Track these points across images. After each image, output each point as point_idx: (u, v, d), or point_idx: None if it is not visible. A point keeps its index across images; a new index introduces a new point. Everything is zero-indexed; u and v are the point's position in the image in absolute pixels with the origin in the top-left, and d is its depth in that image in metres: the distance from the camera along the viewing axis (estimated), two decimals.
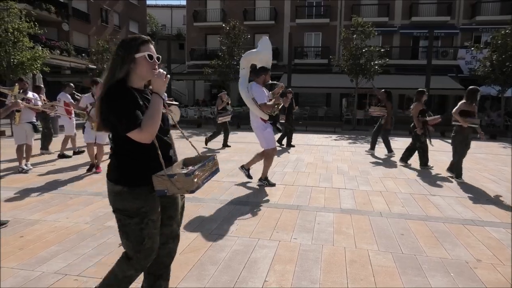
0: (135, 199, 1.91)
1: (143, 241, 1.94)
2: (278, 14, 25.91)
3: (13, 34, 13.40)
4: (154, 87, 1.89)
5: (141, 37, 1.93)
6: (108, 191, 1.99)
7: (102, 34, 27.06)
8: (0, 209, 4.00)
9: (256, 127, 5.53)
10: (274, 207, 4.52)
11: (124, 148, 1.90)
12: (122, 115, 1.78)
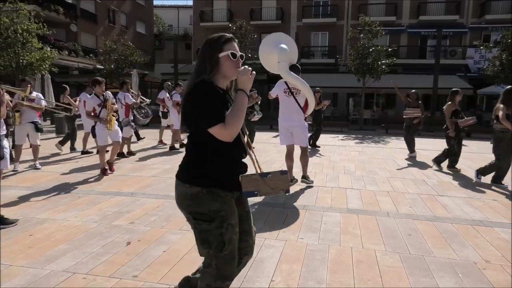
0: (214, 201, 1.81)
1: (224, 246, 1.83)
2: (284, 13, 25.88)
3: (22, 35, 13.56)
4: (240, 84, 1.82)
5: (224, 36, 1.89)
6: (180, 194, 1.87)
7: (109, 34, 27.25)
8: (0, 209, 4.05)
9: (304, 127, 5.45)
10: (281, 207, 4.52)
11: (204, 147, 1.81)
12: (206, 109, 1.73)
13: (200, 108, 1.74)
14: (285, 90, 5.40)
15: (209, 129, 1.74)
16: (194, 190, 1.81)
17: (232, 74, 1.87)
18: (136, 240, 3.47)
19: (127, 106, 8.15)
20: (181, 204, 1.88)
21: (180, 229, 3.76)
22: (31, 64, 13.76)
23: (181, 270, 2.88)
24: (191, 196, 1.82)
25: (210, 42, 1.89)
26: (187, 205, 1.85)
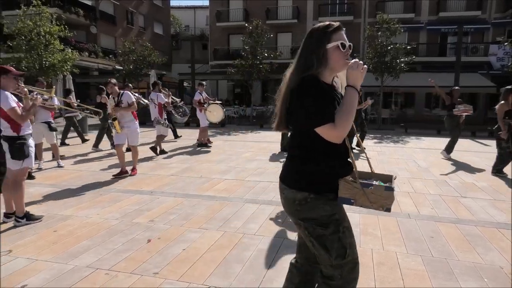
0: (324, 205, 1.67)
1: (346, 252, 1.68)
2: (300, 12, 25.74)
3: (45, 37, 13.95)
4: (350, 79, 1.65)
5: (332, 24, 1.70)
6: (288, 200, 1.74)
7: (128, 35, 27.71)
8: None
9: None
10: None
11: (311, 149, 1.67)
12: (314, 107, 1.58)
13: (308, 106, 1.60)
14: None
15: (317, 129, 1.60)
16: (302, 195, 1.68)
17: (341, 67, 1.71)
18: (156, 238, 3.52)
19: (160, 105, 8.45)
20: (289, 210, 1.75)
21: (199, 227, 3.79)
22: (53, 65, 14.13)
23: (201, 268, 2.90)
24: (300, 201, 1.68)
25: (316, 32, 1.70)
26: (296, 211, 1.71)
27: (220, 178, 6.04)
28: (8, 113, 3.58)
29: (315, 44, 1.68)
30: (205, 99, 9.62)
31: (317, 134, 1.62)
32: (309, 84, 1.62)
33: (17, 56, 14.02)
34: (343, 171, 1.72)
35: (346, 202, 1.69)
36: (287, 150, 1.83)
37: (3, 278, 2.73)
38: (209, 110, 9.31)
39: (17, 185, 3.76)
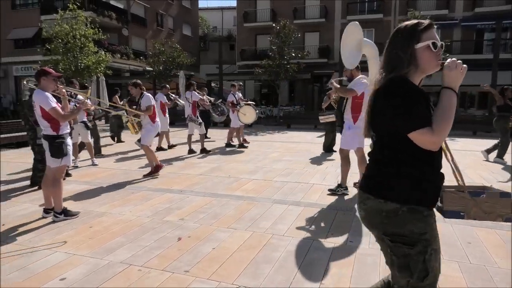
0: (417, 221, 1.50)
1: (426, 276, 1.53)
2: (328, 11, 25.43)
3: (80, 40, 14.51)
4: (447, 81, 1.52)
5: (421, 23, 1.55)
6: (372, 210, 1.59)
7: (157, 37, 28.34)
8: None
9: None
10: (328, 209, 4.45)
11: (402, 156, 1.52)
12: (409, 110, 1.44)
13: (401, 109, 1.46)
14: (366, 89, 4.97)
15: (412, 133, 1.45)
16: (391, 207, 1.51)
17: (432, 68, 1.56)
18: (186, 236, 3.58)
19: (194, 104, 8.66)
20: (372, 222, 1.61)
21: (228, 227, 3.82)
22: (88, 67, 14.68)
23: (230, 267, 2.92)
24: (387, 213, 1.52)
25: (403, 31, 1.57)
26: (381, 223, 1.56)
27: (248, 178, 6.06)
28: (50, 112, 3.75)
29: (402, 44, 1.55)
30: (238, 100, 9.68)
31: (408, 140, 1.47)
32: (400, 85, 1.49)
33: (54, 59, 14.67)
34: (439, 181, 1.57)
35: (454, 216, 1.52)
36: (369, 155, 1.71)
37: (44, 271, 2.86)
38: (241, 111, 9.36)
39: (56, 182, 3.93)
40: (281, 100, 22.08)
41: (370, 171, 1.66)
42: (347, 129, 5.04)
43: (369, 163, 1.70)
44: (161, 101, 9.14)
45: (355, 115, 4.95)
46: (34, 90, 3.90)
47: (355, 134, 4.98)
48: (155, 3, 30.40)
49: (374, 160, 1.66)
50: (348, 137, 5.01)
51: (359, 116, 4.93)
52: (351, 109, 4.99)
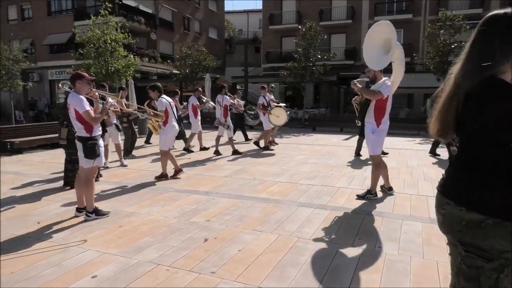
0: (502, 238, 1.33)
1: None
2: (355, 12, 25.07)
3: (111, 44, 14.97)
4: None
5: None
6: (451, 217, 1.47)
7: (184, 40, 28.87)
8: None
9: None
10: (355, 213, 4.37)
11: (501, 167, 1.36)
12: None
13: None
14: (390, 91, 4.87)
15: None
16: (475, 217, 1.37)
17: None
18: (212, 237, 3.61)
19: (225, 107, 8.79)
20: (449, 228, 1.50)
21: (254, 229, 3.82)
22: (117, 70, 15.12)
23: (256, 270, 2.92)
24: (469, 223, 1.40)
25: (500, 20, 1.36)
26: (459, 232, 1.44)
27: (273, 181, 6.05)
28: (83, 115, 3.89)
29: (500, 36, 1.33)
30: (269, 101, 9.65)
31: (506, 147, 1.33)
32: (504, 86, 1.32)
33: (86, 63, 15.20)
34: None
35: None
36: (452, 159, 1.60)
37: (77, 268, 2.96)
38: (273, 113, 9.31)
39: (88, 182, 4.06)
40: (306, 103, 21.93)
41: (453, 176, 1.53)
42: (371, 133, 4.87)
43: (453, 167, 1.57)
44: (193, 104, 9.32)
45: (378, 118, 4.81)
46: (69, 93, 4.05)
47: (380, 138, 4.87)
48: (182, 7, 30.99)
49: (461, 166, 1.51)
50: (375, 142, 4.88)
51: (383, 119, 4.82)
52: (375, 112, 4.82)
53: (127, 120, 8.15)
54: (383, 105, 4.78)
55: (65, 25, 25.47)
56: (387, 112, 4.87)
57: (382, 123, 4.82)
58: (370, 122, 4.89)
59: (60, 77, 25.72)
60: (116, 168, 7.25)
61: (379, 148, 4.96)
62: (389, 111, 4.90)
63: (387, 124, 4.89)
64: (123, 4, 24.52)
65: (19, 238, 3.62)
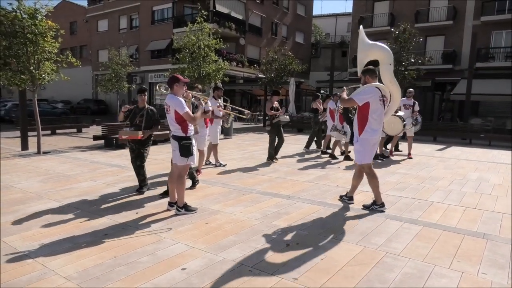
0: None
1: None
2: (458, 12, 22.84)
3: (204, 50, 15.93)
4: None
5: None
6: None
7: (271, 45, 29.42)
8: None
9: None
10: (453, 231, 3.94)
11: None
12: None
13: None
14: (380, 98, 4.57)
15: None
16: None
17: None
18: (294, 242, 3.57)
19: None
20: None
21: (337, 238, 3.69)
22: (208, 74, 16.02)
23: (341, 281, 2.81)
24: None
25: None
26: None
27: (359, 190, 5.76)
28: (183, 116, 4.17)
29: None
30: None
31: None
32: None
33: (182, 67, 16.40)
34: None
35: None
36: None
37: (169, 259, 3.18)
38: (387, 121, 8.81)
39: (180, 179, 4.35)
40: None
41: None
42: (355, 142, 4.75)
43: None
44: (330, 108, 9.35)
45: (360, 127, 4.65)
46: (167, 95, 4.38)
47: (364, 148, 4.66)
48: (271, 12, 31.68)
49: None
50: (359, 151, 4.72)
51: (365, 128, 4.60)
52: (357, 120, 4.70)
53: (270, 123, 8.06)
54: (365, 113, 4.59)
55: (165, 32, 27.93)
56: (372, 121, 4.59)
57: (365, 131, 4.62)
58: (355, 130, 4.75)
59: (158, 80, 28.24)
60: (211, 167, 7.62)
61: (366, 157, 4.68)
62: (377, 120, 4.61)
63: (373, 133, 4.61)
64: (217, 12, 25.96)
65: (121, 225, 4.02)
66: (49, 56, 8.98)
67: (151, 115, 5.47)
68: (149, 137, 5.51)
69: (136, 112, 5.48)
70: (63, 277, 2.84)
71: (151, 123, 5.47)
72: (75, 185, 5.87)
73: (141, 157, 5.45)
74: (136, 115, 5.45)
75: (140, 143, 5.41)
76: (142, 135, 5.26)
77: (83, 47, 36.66)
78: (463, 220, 4.35)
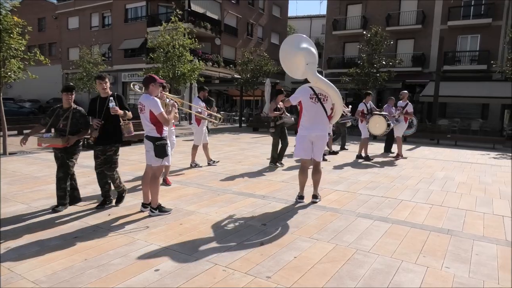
0: None
1: None
2: (426, 16, 23.70)
3: (178, 49, 15.80)
4: None
5: None
6: None
7: (247, 46, 29.51)
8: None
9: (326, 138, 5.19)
10: (419, 228, 4.10)
11: None
12: None
13: None
14: (311, 96, 4.87)
15: None
16: None
17: None
18: (268, 242, 3.62)
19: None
20: None
21: (310, 237, 3.76)
22: (183, 74, 15.92)
23: (313, 278, 2.87)
24: None
25: None
26: None
27: (331, 189, 5.92)
28: (158, 117, 4.13)
29: None
30: (370, 109, 9.35)
31: None
32: None
33: (156, 66, 16.21)
34: None
35: None
36: None
37: (142, 260, 3.15)
38: (371, 121, 9.09)
39: (154, 180, 4.30)
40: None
41: None
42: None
43: None
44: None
45: (298, 124, 5.07)
46: (142, 95, 4.32)
47: (297, 142, 5.03)
48: (247, 13, 31.76)
49: None
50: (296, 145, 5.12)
51: (301, 125, 5.00)
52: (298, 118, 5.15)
53: (274, 125, 7.67)
54: (301, 111, 5.03)
55: (139, 31, 27.43)
56: (306, 118, 4.95)
57: (300, 128, 5.01)
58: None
59: (132, 79, 27.68)
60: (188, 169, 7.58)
61: (297, 152, 5.07)
62: (309, 117, 4.92)
63: (306, 130, 4.95)
64: (192, 11, 25.76)
65: (92, 228, 3.93)
66: (16, 53, 8.65)
67: (78, 118, 4.57)
68: (76, 143, 4.61)
69: (60, 113, 4.55)
70: (31, 281, 2.76)
71: (78, 127, 4.57)
72: (44, 186, 5.68)
73: (65, 167, 4.51)
74: (59, 117, 4.53)
75: (66, 151, 4.51)
76: (67, 143, 4.39)
77: (52, 44, 35.42)
78: (429, 217, 4.55)
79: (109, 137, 4.51)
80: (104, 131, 4.46)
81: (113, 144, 4.56)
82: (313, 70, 4.71)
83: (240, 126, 20.31)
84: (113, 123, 4.48)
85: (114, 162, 4.60)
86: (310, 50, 4.73)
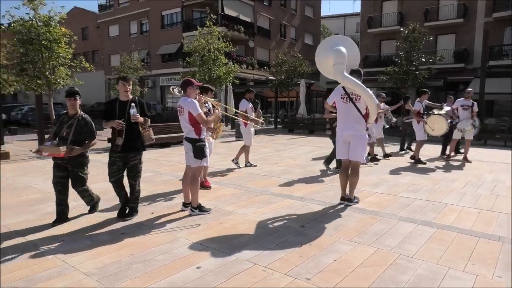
0: None
1: None
2: (468, 9, 22.56)
3: (214, 53, 16.08)
4: None
5: None
6: None
7: (280, 47, 29.48)
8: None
9: (364, 138, 4.96)
10: (467, 234, 3.91)
11: None
12: None
13: None
14: (342, 96, 4.82)
15: None
16: None
17: None
18: (307, 243, 3.59)
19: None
20: None
21: (350, 240, 3.70)
22: (219, 77, 16.16)
23: (354, 282, 2.82)
24: None
25: None
26: None
27: (371, 191, 5.78)
28: (197, 118, 4.24)
29: None
30: (424, 109, 8.64)
31: None
32: None
33: (192, 70, 16.59)
34: None
35: None
36: None
37: (184, 257, 3.24)
38: (429, 123, 8.27)
39: (194, 181, 4.41)
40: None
41: None
42: None
43: None
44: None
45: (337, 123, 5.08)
46: (181, 97, 4.45)
47: (340, 144, 5.00)
48: (279, 14, 31.75)
49: None
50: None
51: (337, 126, 5.04)
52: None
53: (330, 127, 7.54)
54: (335, 112, 5.14)
55: (175, 36, 28.22)
56: (339, 118, 4.99)
57: (337, 129, 5.05)
58: None
59: (170, 83, 28.53)
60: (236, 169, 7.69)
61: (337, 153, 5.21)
62: (341, 117, 4.94)
63: (340, 131, 4.97)
64: (225, 15, 26.14)
65: (136, 225, 4.11)
66: (64, 61, 9.21)
67: (83, 126, 4.18)
68: (82, 155, 4.22)
69: (64, 120, 4.17)
70: (83, 273, 2.94)
71: (82, 136, 4.18)
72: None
73: (80, 181, 4.26)
74: (63, 125, 4.15)
75: (75, 163, 4.16)
76: (70, 153, 4.01)
77: (95, 52, 37.26)
78: (478, 222, 4.32)
79: (132, 145, 4.22)
80: (126, 138, 4.16)
81: (137, 152, 4.30)
82: (339, 71, 4.69)
83: (276, 128, 20.31)
84: (136, 129, 4.25)
85: (139, 171, 4.36)
86: (340, 51, 4.72)
